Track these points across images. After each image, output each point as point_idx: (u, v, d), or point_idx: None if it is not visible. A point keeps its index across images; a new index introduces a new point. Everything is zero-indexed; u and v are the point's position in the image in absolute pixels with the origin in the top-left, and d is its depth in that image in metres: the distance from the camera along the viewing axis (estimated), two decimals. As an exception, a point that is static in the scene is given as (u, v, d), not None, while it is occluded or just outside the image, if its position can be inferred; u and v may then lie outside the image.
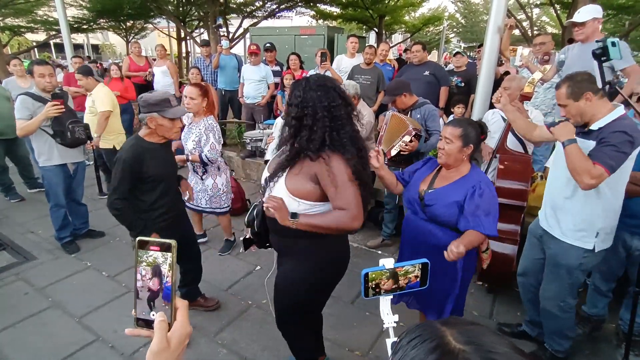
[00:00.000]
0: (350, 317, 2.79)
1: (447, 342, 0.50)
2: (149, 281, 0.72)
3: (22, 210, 4.58)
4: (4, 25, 14.14)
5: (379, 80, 4.87)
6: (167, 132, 2.29)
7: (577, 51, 3.32)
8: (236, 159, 5.72)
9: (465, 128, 1.91)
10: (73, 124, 3.42)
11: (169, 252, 0.71)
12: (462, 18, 25.44)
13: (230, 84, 6.11)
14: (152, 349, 0.68)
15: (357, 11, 13.67)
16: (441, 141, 1.96)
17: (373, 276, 1.05)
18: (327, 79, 1.65)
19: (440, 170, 2.06)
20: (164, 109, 2.19)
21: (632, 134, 1.81)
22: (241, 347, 2.53)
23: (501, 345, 0.50)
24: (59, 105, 3.26)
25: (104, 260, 3.51)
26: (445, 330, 0.53)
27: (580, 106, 1.94)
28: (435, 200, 1.95)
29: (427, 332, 0.53)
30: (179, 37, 16.69)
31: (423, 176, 2.10)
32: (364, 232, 4.11)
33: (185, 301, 0.75)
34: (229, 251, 3.67)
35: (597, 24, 3.17)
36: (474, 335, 0.51)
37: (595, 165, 1.80)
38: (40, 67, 3.30)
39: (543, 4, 14.47)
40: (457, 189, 1.93)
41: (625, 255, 2.37)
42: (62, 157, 3.50)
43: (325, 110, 1.56)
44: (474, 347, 0.49)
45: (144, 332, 0.73)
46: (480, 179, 1.92)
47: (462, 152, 1.92)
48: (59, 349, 2.47)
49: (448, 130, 1.94)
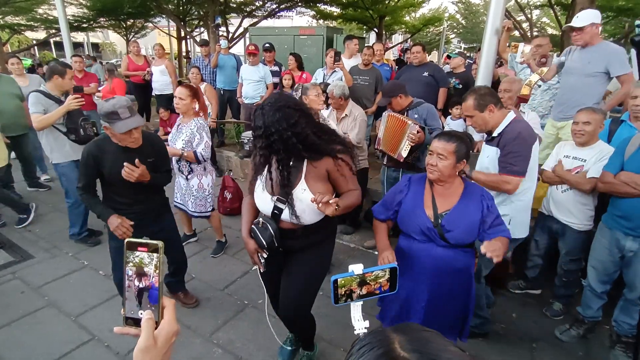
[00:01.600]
0: (345, 318, 2.78)
1: (393, 349, 0.52)
2: (137, 281, 0.73)
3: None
4: (3, 23, 14.12)
5: (377, 81, 4.86)
6: (121, 141, 2.25)
7: (576, 56, 3.31)
8: (234, 158, 5.73)
9: (458, 143, 1.85)
10: (84, 121, 3.51)
11: (156, 253, 0.73)
12: (462, 19, 25.43)
13: (229, 84, 6.11)
14: (139, 346, 0.70)
15: (357, 11, 13.65)
16: (432, 156, 1.88)
17: (342, 282, 1.04)
18: (278, 99, 1.76)
19: (432, 187, 1.97)
20: (111, 121, 2.14)
21: (525, 133, 2.18)
22: (237, 347, 2.53)
23: (446, 352, 0.52)
24: (80, 98, 3.39)
25: (100, 259, 3.49)
26: (395, 337, 0.54)
27: (485, 117, 2.24)
28: (455, 224, 1.85)
29: (376, 340, 0.55)
30: (179, 37, 16.69)
31: (418, 199, 1.97)
32: (361, 233, 4.11)
33: (172, 300, 0.77)
34: (221, 252, 3.67)
35: (596, 29, 3.16)
36: (420, 343, 0.53)
37: (504, 176, 2.19)
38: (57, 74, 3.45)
39: (543, 6, 14.48)
40: (469, 206, 1.88)
41: (620, 257, 2.38)
42: (75, 153, 3.57)
43: (288, 131, 1.71)
44: (418, 355, 0.51)
45: (133, 330, 0.75)
46: (480, 190, 1.94)
47: (456, 169, 1.87)
48: (54, 348, 2.47)
49: (440, 145, 1.85)
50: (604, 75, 3.20)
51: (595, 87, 3.23)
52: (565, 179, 2.62)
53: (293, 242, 1.95)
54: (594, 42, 3.20)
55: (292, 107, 1.73)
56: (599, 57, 3.16)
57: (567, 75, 3.40)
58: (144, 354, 0.69)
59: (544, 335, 2.70)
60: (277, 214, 1.87)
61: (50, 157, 3.53)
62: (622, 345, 2.46)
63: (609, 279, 2.50)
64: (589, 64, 3.20)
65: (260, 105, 1.79)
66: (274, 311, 2.28)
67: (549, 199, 2.81)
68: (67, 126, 3.45)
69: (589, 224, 2.66)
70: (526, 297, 3.11)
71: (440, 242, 1.87)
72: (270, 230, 1.87)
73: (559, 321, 2.80)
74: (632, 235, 2.28)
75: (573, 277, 2.81)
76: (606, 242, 2.43)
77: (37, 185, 5.13)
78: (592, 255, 2.55)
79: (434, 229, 1.87)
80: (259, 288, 2.44)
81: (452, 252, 1.88)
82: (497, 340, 2.64)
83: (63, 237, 3.87)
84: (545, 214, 2.85)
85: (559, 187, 2.71)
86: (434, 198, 1.92)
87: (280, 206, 1.85)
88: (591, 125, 2.51)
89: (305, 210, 1.83)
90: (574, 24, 3.22)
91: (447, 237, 1.85)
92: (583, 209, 2.63)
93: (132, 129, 2.19)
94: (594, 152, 2.55)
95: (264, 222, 1.89)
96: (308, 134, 1.75)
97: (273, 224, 1.88)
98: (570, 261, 2.75)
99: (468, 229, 1.84)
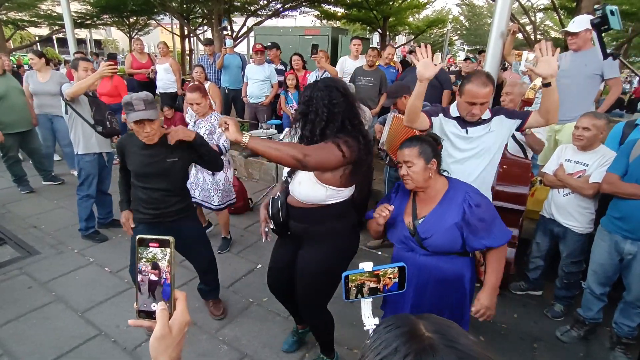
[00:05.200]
0: (350, 316, 2.82)
1: (418, 328, 0.57)
2: (150, 276, 0.76)
3: (26, 204, 4.61)
4: (7, 19, 14.15)
5: (381, 82, 4.90)
6: (136, 133, 2.32)
7: (569, 59, 3.44)
8: (238, 157, 5.75)
9: (420, 144, 1.78)
10: (110, 114, 3.58)
11: (168, 248, 0.76)
12: (465, 21, 25.43)
13: (234, 83, 6.14)
14: (155, 334, 0.73)
15: (362, 12, 13.69)
16: (402, 167, 1.80)
17: (353, 278, 1.09)
18: (335, 80, 1.89)
19: (416, 195, 1.87)
20: (127, 111, 2.22)
21: None
22: (242, 343, 2.56)
23: (465, 338, 0.56)
24: (113, 65, 3.39)
25: (107, 255, 3.54)
26: (419, 321, 0.59)
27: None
28: (430, 230, 1.76)
29: (401, 320, 0.60)
30: (182, 35, 16.73)
31: (401, 208, 1.89)
32: (364, 233, 4.13)
33: (183, 292, 0.80)
34: (227, 249, 3.71)
35: (590, 34, 3.25)
36: (442, 327, 0.58)
37: None
38: (84, 62, 3.56)
39: (547, 9, 14.49)
40: (448, 209, 1.76)
41: (619, 260, 2.41)
42: (99, 146, 3.64)
43: (325, 107, 1.77)
44: (439, 336, 0.55)
45: (146, 322, 0.78)
46: (465, 188, 1.80)
47: (428, 170, 1.76)
48: (61, 343, 2.50)
49: (405, 153, 1.78)
50: (599, 77, 3.35)
51: (590, 88, 3.37)
52: (567, 184, 2.65)
53: (297, 224, 1.98)
54: (586, 47, 3.34)
55: (340, 90, 1.82)
56: (596, 60, 3.25)
57: (563, 78, 3.47)
58: (160, 342, 0.73)
59: (544, 336, 2.73)
60: (286, 188, 1.98)
61: (76, 149, 3.59)
62: (622, 346, 2.49)
63: (609, 282, 2.53)
64: (585, 66, 3.31)
65: (316, 80, 1.91)
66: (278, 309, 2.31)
67: (550, 202, 2.84)
68: (95, 118, 3.51)
69: (590, 227, 2.69)
70: (527, 298, 3.14)
71: (421, 251, 1.80)
72: (278, 204, 1.97)
73: (560, 322, 2.84)
74: (631, 239, 2.30)
75: (574, 279, 2.84)
76: (605, 245, 2.45)
77: (51, 179, 5.25)
78: (592, 258, 2.57)
79: (412, 237, 1.80)
80: (263, 286, 2.47)
81: (434, 260, 1.79)
82: (498, 341, 2.67)
83: (69, 233, 3.91)
84: (547, 216, 2.88)
85: (561, 191, 2.74)
86: (415, 205, 1.85)
87: (288, 179, 1.96)
88: (590, 132, 2.53)
89: (301, 183, 1.87)
90: (569, 29, 3.37)
91: (426, 245, 1.77)
92: (584, 212, 2.66)
93: (145, 123, 2.24)
94: (596, 156, 2.58)
95: (279, 195, 2.00)
96: (343, 118, 1.80)
97: (283, 197, 1.98)
98: (571, 263, 2.78)
99: (446, 234, 1.73)
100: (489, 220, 1.75)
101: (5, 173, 5.07)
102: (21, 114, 4.62)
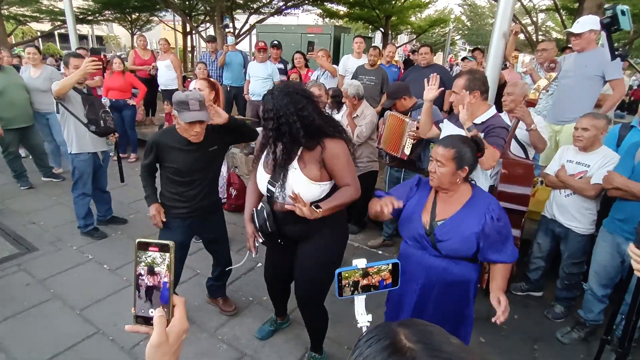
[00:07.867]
0: (348, 315, 2.79)
1: (399, 340, 0.55)
2: (148, 281, 0.74)
3: (25, 201, 4.60)
4: (8, 14, 14.12)
5: (383, 81, 4.87)
6: (183, 132, 2.29)
7: (573, 60, 3.43)
8: (239, 155, 5.73)
9: (459, 149, 1.71)
10: (104, 113, 3.53)
11: (167, 253, 0.73)
12: (467, 21, 25.36)
13: (236, 80, 6.12)
14: (152, 342, 0.71)
15: (364, 11, 13.65)
16: (432, 162, 1.77)
17: (346, 275, 1.08)
18: (287, 85, 1.87)
19: (437, 194, 1.85)
20: (180, 110, 2.18)
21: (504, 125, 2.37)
22: (242, 342, 2.55)
23: (449, 345, 0.54)
24: (97, 62, 3.27)
25: (105, 253, 3.53)
26: (400, 330, 0.57)
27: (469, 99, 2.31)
28: (448, 234, 1.73)
29: (382, 332, 0.58)
30: (184, 31, 16.69)
31: (420, 204, 1.86)
32: (365, 232, 4.13)
33: (182, 298, 0.78)
34: None
35: (594, 35, 3.24)
36: (425, 335, 0.56)
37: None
38: (75, 59, 3.45)
39: (549, 9, 14.45)
40: (469, 216, 1.73)
41: (621, 262, 2.39)
42: (94, 145, 3.59)
43: (294, 115, 1.77)
44: (422, 346, 0.53)
45: (143, 328, 0.76)
46: (488, 200, 1.78)
47: (456, 176, 1.73)
48: (59, 341, 2.49)
49: (439, 151, 1.73)
50: (600, 78, 3.32)
51: (591, 89, 3.35)
52: (568, 184, 2.63)
53: (292, 227, 1.96)
54: (590, 48, 3.31)
55: (299, 94, 1.82)
56: (596, 61, 3.25)
57: (564, 78, 3.48)
58: (156, 350, 0.71)
59: (545, 337, 2.73)
60: (270, 197, 1.94)
61: (70, 148, 3.55)
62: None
63: (610, 283, 2.52)
64: (586, 67, 3.30)
65: (270, 90, 1.87)
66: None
67: (552, 203, 2.83)
68: (88, 117, 3.45)
69: (592, 228, 2.68)
70: (528, 299, 3.13)
71: (432, 251, 1.79)
72: (264, 214, 1.94)
73: (561, 323, 2.83)
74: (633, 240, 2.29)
75: (575, 281, 2.83)
76: (607, 247, 2.45)
77: (51, 176, 5.23)
78: (594, 259, 2.56)
79: (427, 237, 1.78)
80: (263, 285, 2.46)
81: (444, 263, 1.78)
82: (498, 341, 2.66)
83: (67, 230, 3.90)
84: (548, 217, 2.87)
85: (562, 192, 2.73)
86: (435, 205, 1.82)
87: (271, 189, 1.91)
88: (589, 132, 2.52)
89: (294, 187, 1.84)
90: (573, 30, 3.36)
91: (439, 247, 1.75)
92: (586, 213, 2.65)
93: (196, 123, 2.20)
94: (598, 157, 2.57)
95: (262, 205, 1.98)
96: (314, 118, 1.82)
97: (267, 207, 1.95)
98: (572, 264, 2.76)
99: (463, 241, 1.72)
100: (505, 235, 1.75)
101: (5, 168, 5.07)
102: (22, 110, 4.59)
